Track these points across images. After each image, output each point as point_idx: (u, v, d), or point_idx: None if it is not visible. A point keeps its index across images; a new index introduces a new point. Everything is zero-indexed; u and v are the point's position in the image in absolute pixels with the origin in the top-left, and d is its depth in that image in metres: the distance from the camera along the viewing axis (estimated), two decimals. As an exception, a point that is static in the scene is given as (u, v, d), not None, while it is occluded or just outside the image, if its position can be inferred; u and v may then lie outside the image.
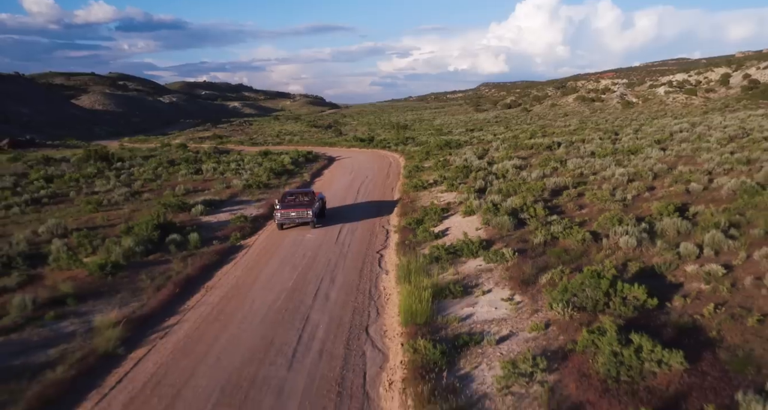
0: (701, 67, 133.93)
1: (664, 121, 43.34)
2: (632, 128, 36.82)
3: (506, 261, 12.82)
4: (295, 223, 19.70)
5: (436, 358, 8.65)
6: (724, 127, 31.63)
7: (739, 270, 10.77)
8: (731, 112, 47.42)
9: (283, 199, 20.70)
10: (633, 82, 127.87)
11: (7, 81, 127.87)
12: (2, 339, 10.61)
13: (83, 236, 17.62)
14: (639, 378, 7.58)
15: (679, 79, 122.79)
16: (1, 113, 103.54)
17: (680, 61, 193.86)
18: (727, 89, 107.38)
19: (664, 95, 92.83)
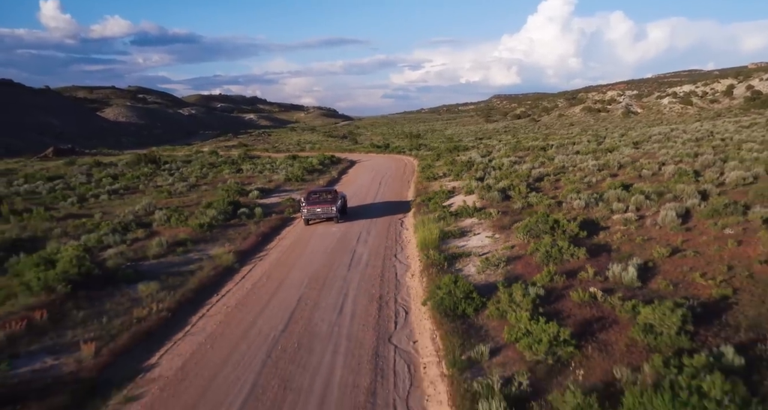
0: (711, 79, 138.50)
1: (654, 128, 48.68)
2: (618, 133, 42.27)
3: (492, 218, 18.40)
4: (321, 219, 21.75)
5: (441, 261, 14.20)
6: (697, 131, 36.98)
7: (646, 218, 16.26)
8: (716, 120, 52.51)
9: (308, 197, 22.63)
10: (642, 94, 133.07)
11: (39, 94, 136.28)
12: (158, 261, 16.34)
13: (173, 210, 23.46)
14: (560, 262, 13.07)
15: (686, 90, 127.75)
16: (37, 125, 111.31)
17: (692, 73, 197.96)
18: (731, 100, 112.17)
19: (663, 105, 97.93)
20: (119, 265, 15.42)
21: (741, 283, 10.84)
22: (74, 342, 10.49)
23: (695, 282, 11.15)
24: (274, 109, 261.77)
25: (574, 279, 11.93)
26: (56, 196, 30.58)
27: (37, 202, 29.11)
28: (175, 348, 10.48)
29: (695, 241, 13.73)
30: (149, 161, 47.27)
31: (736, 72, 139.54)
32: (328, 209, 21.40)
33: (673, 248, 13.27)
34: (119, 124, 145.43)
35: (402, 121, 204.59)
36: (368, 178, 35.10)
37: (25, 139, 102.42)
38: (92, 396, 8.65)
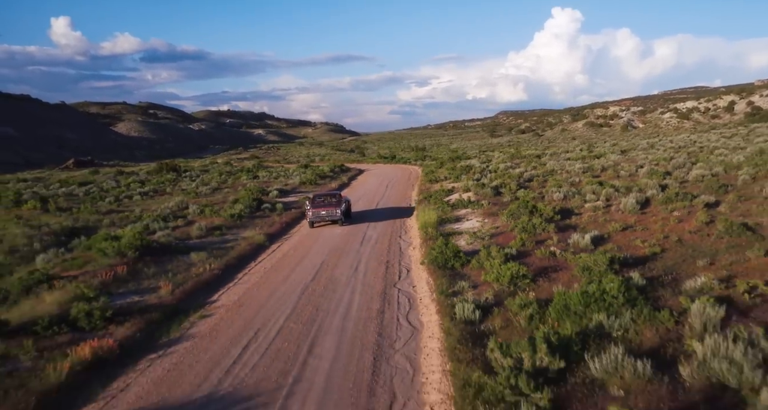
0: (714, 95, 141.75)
1: (645, 139, 51.93)
2: (610, 143, 45.56)
3: (483, 208, 21.66)
4: (325, 221, 22.43)
5: (437, 236, 17.41)
6: (681, 141, 40.20)
7: (612, 206, 19.43)
8: (706, 133, 55.64)
9: (314, 201, 23.25)
10: (646, 110, 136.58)
11: (55, 109, 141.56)
12: (200, 240, 19.67)
13: (204, 205, 26.85)
14: (533, 235, 16.23)
15: (689, 106, 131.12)
16: (55, 139, 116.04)
17: (699, 89, 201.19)
18: (732, 115, 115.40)
19: (661, 120, 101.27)
20: (170, 242, 18.74)
21: (669, 245, 14.00)
22: (152, 288, 13.77)
23: (635, 245, 14.32)
24: (282, 125, 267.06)
25: (542, 245, 15.12)
26: (93, 196, 34.09)
27: (76, 202, 32.61)
28: (230, 291, 13.75)
29: (646, 221, 16.92)
30: (170, 169, 50.91)
31: (740, 88, 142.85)
32: (333, 212, 22.12)
33: (626, 225, 16.45)
34: (132, 138, 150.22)
35: (408, 136, 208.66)
36: (376, 182, 38.48)
37: (44, 151, 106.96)
38: (175, 315, 11.89)
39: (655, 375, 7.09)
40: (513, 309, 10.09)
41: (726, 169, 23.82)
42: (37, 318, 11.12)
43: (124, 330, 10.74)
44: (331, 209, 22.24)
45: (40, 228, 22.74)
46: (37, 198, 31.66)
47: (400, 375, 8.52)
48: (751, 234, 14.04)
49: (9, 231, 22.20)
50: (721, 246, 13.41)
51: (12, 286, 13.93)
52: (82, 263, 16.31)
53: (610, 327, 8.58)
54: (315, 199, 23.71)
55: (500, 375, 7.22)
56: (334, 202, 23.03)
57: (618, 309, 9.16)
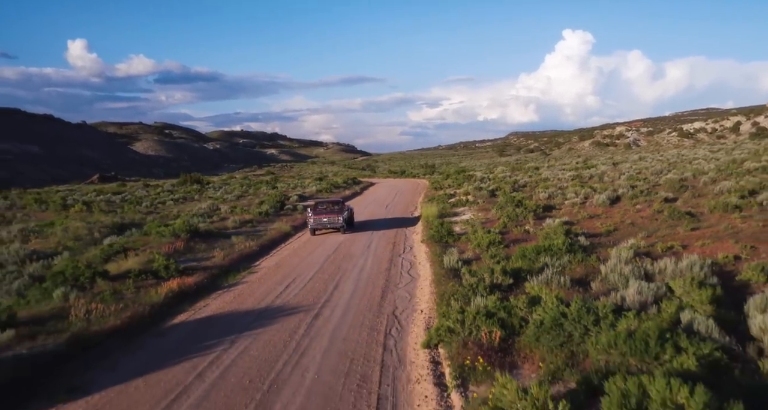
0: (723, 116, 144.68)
1: (641, 154, 55.40)
2: (606, 157, 49.05)
3: (478, 205, 25.26)
4: (327, 228, 22.18)
5: (440, 227, 21.01)
6: (671, 155, 43.63)
7: (587, 202, 22.95)
8: (697, 148, 58.99)
9: (316, 207, 23.13)
10: (654, 130, 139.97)
11: (77, 129, 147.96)
12: (236, 230, 23.41)
13: (233, 206, 30.67)
14: (515, 221, 19.79)
15: (696, 126, 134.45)
16: (77, 157, 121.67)
17: (710, 111, 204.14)
18: (737, 135, 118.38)
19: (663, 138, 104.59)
20: (212, 230, 22.50)
21: (622, 226, 17.50)
22: (206, 257, 17.47)
23: (596, 227, 17.84)
24: (294, 145, 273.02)
25: (521, 227, 18.66)
26: (130, 202, 38.11)
27: (115, 206, 36.62)
28: (268, 259, 17.43)
29: (611, 211, 20.44)
30: (194, 181, 55.08)
31: (749, 110, 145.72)
32: (335, 219, 21.79)
33: (594, 214, 19.99)
34: (149, 156, 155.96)
35: (419, 156, 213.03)
36: (386, 191, 42.26)
37: (67, 169, 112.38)
38: (229, 272, 15.56)
39: (573, 286, 10.60)
40: (485, 259, 13.65)
41: (695, 174, 27.28)
42: (127, 271, 14.83)
43: (194, 278, 14.40)
44: (333, 216, 21.96)
45: (94, 224, 26.65)
46: (81, 202, 35.75)
47: (401, 298, 12.08)
48: (689, 218, 17.53)
49: (71, 224, 26.12)
50: (662, 226, 16.90)
51: (95, 256, 17.68)
52: (143, 244, 20.07)
53: (551, 265, 12.09)
54: (317, 205, 23.58)
55: (466, 286, 10.78)
56: (336, 209, 22.77)
57: (560, 255, 12.69)
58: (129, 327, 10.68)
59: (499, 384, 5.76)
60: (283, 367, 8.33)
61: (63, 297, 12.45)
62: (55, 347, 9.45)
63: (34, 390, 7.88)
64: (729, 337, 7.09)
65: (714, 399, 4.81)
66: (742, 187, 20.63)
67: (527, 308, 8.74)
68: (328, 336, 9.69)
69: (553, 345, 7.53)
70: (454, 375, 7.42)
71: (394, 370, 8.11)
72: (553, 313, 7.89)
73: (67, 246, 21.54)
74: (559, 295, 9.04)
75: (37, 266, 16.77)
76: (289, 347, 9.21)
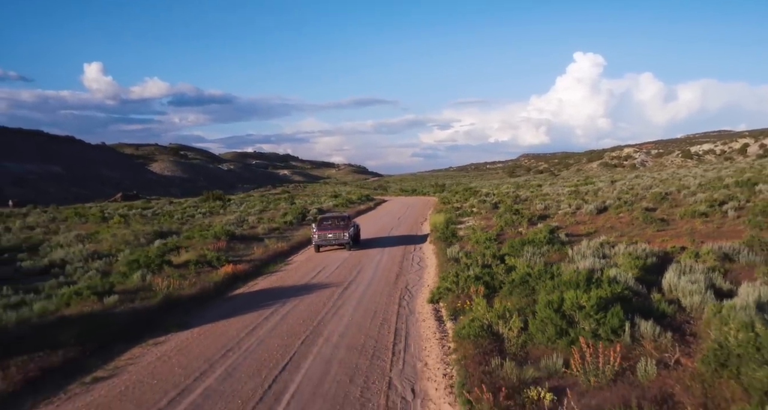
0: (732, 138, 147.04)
1: (639, 173, 58.37)
2: (607, 177, 52.11)
3: (481, 215, 28.45)
4: (332, 244, 21.58)
5: (445, 229, 24.24)
6: (667, 174, 46.59)
7: (579, 212, 26.06)
8: (694, 167, 61.84)
9: (320, 223, 22.53)
10: (664, 152, 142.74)
11: (96, 150, 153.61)
12: (266, 235, 26.74)
13: (259, 218, 34.08)
14: (511, 226, 22.92)
15: (705, 148, 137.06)
16: (98, 177, 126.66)
17: (722, 133, 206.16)
18: (744, 157, 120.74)
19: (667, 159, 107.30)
20: (246, 234, 25.86)
21: (602, 229, 20.61)
22: (247, 254, 20.75)
23: (579, 230, 20.95)
24: (307, 166, 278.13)
25: (515, 230, 21.81)
26: (162, 215, 41.70)
27: (148, 220, 40.20)
28: (299, 256, 20.73)
29: (596, 219, 23.55)
30: (216, 198, 58.78)
31: (759, 132, 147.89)
32: (341, 235, 21.22)
33: (580, 221, 23.12)
34: (166, 177, 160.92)
35: (430, 177, 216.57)
36: (398, 206, 45.58)
37: (89, 188, 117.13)
38: (268, 264, 18.84)
39: (545, 266, 13.72)
40: (480, 249, 16.82)
41: (678, 189, 30.32)
42: (185, 261, 18.14)
43: (241, 267, 17.68)
44: (338, 232, 21.36)
45: (138, 232, 30.13)
46: (119, 215, 39.40)
47: (412, 278, 15.26)
48: (660, 222, 20.62)
49: (118, 232, 29.62)
50: (635, 228, 20.00)
51: (151, 252, 21.05)
52: (189, 244, 23.44)
53: (533, 253, 15.22)
54: (322, 221, 23.02)
55: (462, 265, 13.95)
56: (342, 224, 22.13)
57: (541, 246, 15.83)
58: (201, 296, 13.94)
59: (475, 303, 8.94)
60: (326, 314, 11.53)
61: (141, 278, 15.76)
62: (152, 306, 12.71)
63: (151, 327, 11.12)
64: (642, 286, 10.20)
65: (601, 301, 7.96)
66: (713, 199, 23.67)
67: (505, 274, 11.90)
68: (356, 299, 12.89)
69: (521, 295, 10.65)
70: (449, 314, 10.59)
71: (406, 316, 11.27)
72: (522, 273, 11.06)
73: (119, 249, 24.94)
74: (529, 264, 12.20)
75: (100, 263, 20.17)
76: (328, 305, 12.41)
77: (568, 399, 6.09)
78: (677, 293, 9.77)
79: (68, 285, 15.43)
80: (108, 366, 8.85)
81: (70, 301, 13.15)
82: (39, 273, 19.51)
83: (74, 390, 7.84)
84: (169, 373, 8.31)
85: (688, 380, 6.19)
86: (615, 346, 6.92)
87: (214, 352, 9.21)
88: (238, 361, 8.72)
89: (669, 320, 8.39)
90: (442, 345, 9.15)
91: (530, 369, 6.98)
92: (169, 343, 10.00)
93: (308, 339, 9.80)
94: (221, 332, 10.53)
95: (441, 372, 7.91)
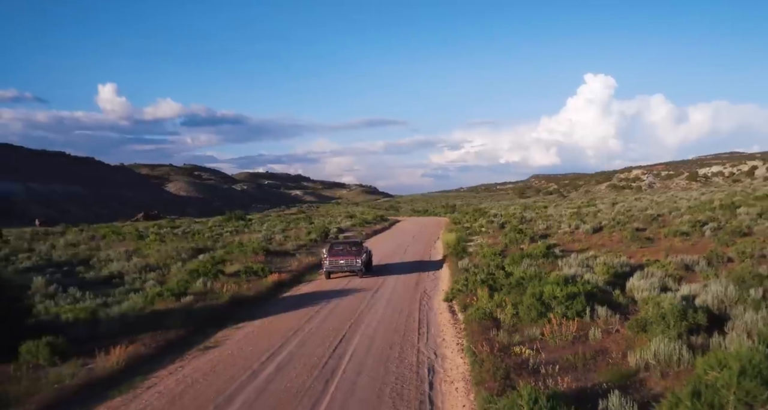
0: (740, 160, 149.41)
1: (639, 195, 61.28)
2: (611, 198, 55.19)
3: (489, 234, 31.66)
4: (343, 271, 21.04)
5: (456, 245, 27.46)
6: (665, 197, 49.55)
7: (578, 230, 29.21)
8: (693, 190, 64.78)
9: (332, 249, 22.01)
10: (674, 174, 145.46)
11: (115, 171, 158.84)
12: (296, 250, 30.08)
13: (285, 236, 37.50)
14: (515, 243, 26.12)
15: (714, 170, 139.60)
16: (116, 197, 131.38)
17: (734, 155, 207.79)
18: (752, 179, 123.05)
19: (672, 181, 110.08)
20: (278, 250, 29.19)
21: (594, 246, 23.75)
22: (284, 266, 24.07)
23: (574, 246, 24.10)
24: (318, 186, 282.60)
25: (517, 246, 24.99)
26: (192, 233, 45.22)
27: (180, 238, 43.71)
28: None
29: (591, 237, 26.70)
30: (238, 218, 62.38)
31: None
32: (353, 261, 20.74)
33: (576, 239, 26.27)
34: (182, 197, 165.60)
35: (441, 198, 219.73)
36: (412, 225, 48.91)
37: (109, 207, 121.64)
38: (304, 274, 22.14)
39: (537, 272, 16.88)
40: (486, 262, 20.04)
41: (670, 210, 33.38)
42: (235, 271, 21.47)
43: (284, 276, 20.97)
44: (350, 258, 20.87)
45: (179, 248, 33.59)
46: (154, 234, 42.97)
47: (429, 286, 18.49)
48: (645, 240, 23.72)
49: (161, 248, 33.09)
50: (622, 246, 23.14)
51: (207, 263, 24.42)
52: (231, 258, 26.81)
53: (529, 264, 18.39)
54: (333, 246, 22.64)
55: (471, 273, 17.17)
56: (354, 250, 21.65)
57: (537, 258, 19.02)
58: (258, 297, 17.26)
59: (480, 297, 12.17)
60: (363, 310, 14.77)
61: (203, 284, 19.09)
62: (221, 304, 16.01)
63: (227, 318, 14.40)
64: (610, 286, 13.38)
65: (572, 294, 11.15)
66: (696, 220, 26.74)
67: (505, 279, 15.10)
68: (386, 300, 16.15)
69: (515, 293, 13.82)
70: (460, 308, 13.80)
71: (427, 311, 14.49)
72: (517, 277, 14.27)
73: (165, 263, 28.34)
74: (525, 272, 15.40)
75: (154, 274, 23.54)
76: (363, 304, 15.66)
77: (539, 352, 9.28)
78: (635, 291, 12.93)
79: (135, 291, 18.76)
80: (209, 341, 12.15)
81: (153, 300, 16.49)
82: (102, 282, 22.92)
83: (194, 354, 11.14)
84: (257, 344, 11.58)
85: (619, 339, 9.38)
86: (575, 322, 10.13)
87: (286, 332, 12.48)
88: (306, 337, 11.98)
89: (622, 308, 11.55)
90: (456, 328, 12.37)
91: (516, 337, 10.20)
92: (248, 328, 13.29)
93: (353, 324, 13.04)
94: (286, 320, 13.80)
95: (454, 343, 11.13)
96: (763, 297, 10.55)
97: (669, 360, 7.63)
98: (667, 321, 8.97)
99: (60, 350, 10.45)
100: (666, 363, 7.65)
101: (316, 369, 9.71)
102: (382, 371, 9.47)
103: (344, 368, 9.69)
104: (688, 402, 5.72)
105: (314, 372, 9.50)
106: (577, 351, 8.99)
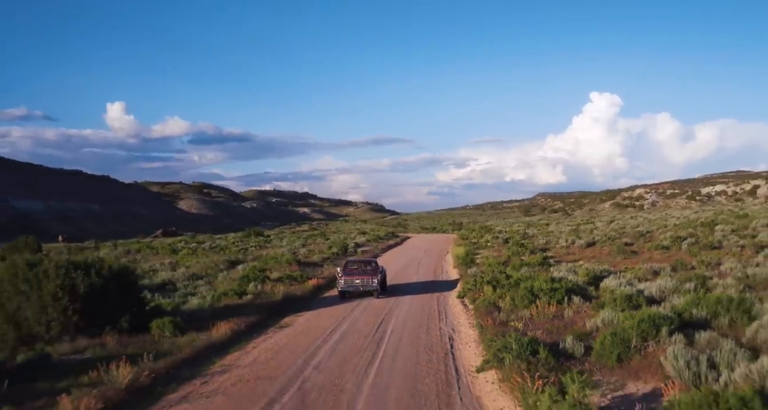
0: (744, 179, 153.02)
1: (636, 214, 65.07)
2: (610, 217, 59.05)
3: (494, 248, 35.63)
4: (359, 291, 20.60)
5: (465, 257, 31.39)
6: (659, 216, 53.33)
7: (573, 245, 33.15)
8: (686, 209, 68.61)
9: (346, 267, 21.93)
10: (679, 192, 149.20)
11: (130, 189, 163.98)
12: (322, 262, 34.11)
13: (309, 250, 41.56)
14: (516, 255, 30.07)
15: (718, 189, 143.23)
16: (131, 214, 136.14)
17: (740, 173, 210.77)
18: (754, 198, 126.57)
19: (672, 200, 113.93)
20: (308, 261, 33.20)
21: (585, 258, 27.67)
22: (316, 273, 28.05)
23: (568, 258, 28.02)
24: (325, 204, 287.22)
25: (518, 257, 28.91)
26: (220, 248, 49.32)
27: (209, 252, 47.77)
28: (356, 276, 28.10)
29: (583, 251, 30.64)
30: (257, 234, 66.54)
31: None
32: (369, 281, 20.43)
33: (570, 253, 30.20)
34: (193, 214, 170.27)
35: (447, 215, 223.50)
36: (422, 241, 52.94)
37: (125, 225, 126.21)
38: (333, 282, 26.11)
39: (531, 275, 20.85)
40: (491, 270, 24.02)
41: (658, 227, 37.27)
42: (278, 278, 25.47)
43: (316, 282, 24.94)
44: (366, 278, 20.59)
45: (216, 261, 37.65)
46: (187, 248, 47.10)
47: (443, 288, 22.41)
48: (631, 253, 27.65)
49: (200, 260, 37.16)
50: (609, 258, 27.07)
51: (254, 271, 28.45)
52: (268, 268, 30.81)
53: (527, 270, 22.30)
54: (347, 265, 22.53)
55: (478, 278, 21.13)
56: (369, 270, 21.58)
57: (534, 266, 22.97)
58: (304, 297, 21.25)
59: (485, 291, 16.17)
60: (392, 306, 18.75)
61: (255, 287, 23.10)
62: (276, 301, 19.98)
63: (284, 311, 18.37)
64: (587, 285, 17.33)
65: (555, 287, 15.11)
66: (677, 236, 30.64)
67: (506, 280, 19.06)
68: (409, 298, 20.14)
69: (513, 289, 17.76)
70: (470, 301, 17.77)
71: (444, 305, 18.47)
72: (515, 278, 18.23)
73: (207, 273, 32.34)
74: (522, 275, 19.36)
75: (201, 281, 27.51)
76: (390, 302, 19.62)
77: (527, 324, 13.25)
78: (606, 287, 16.88)
79: (191, 295, 22.75)
80: (281, 323, 16.16)
81: (220, 298, 20.49)
82: (156, 289, 26.92)
83: (274, 330, 15.15)
84: (319, 324, 15.58)
85: (584, 316, 13.36)
86: (555, 307, 14.11)
87: (336, 318, 16.48)
88: (353, 321, 15.99)
89: (593, 299, 15.50)
90: (467, 314, 16.37)
91: (512, 316, 14.18)
92: (305, 316, 17.30)
93: (387, 315, 17.05)
94: (333, 311, 17.81)
95: (467, 323, 15.14)
96: (694, 289, 14.50)
97: (611, 323, 11.58)
98: (617, 302, 12.95)
99: (179, 326, 14.45)
100: (609, 325, 11.61)
101: (368, 338, 13.71)
102: (416, 339, 13.47)
103: (388, 337, 13.68)
104: (610, 338, 9.70)
105: (367, 340, 13.50)
106: (554, 324, 12.95)
